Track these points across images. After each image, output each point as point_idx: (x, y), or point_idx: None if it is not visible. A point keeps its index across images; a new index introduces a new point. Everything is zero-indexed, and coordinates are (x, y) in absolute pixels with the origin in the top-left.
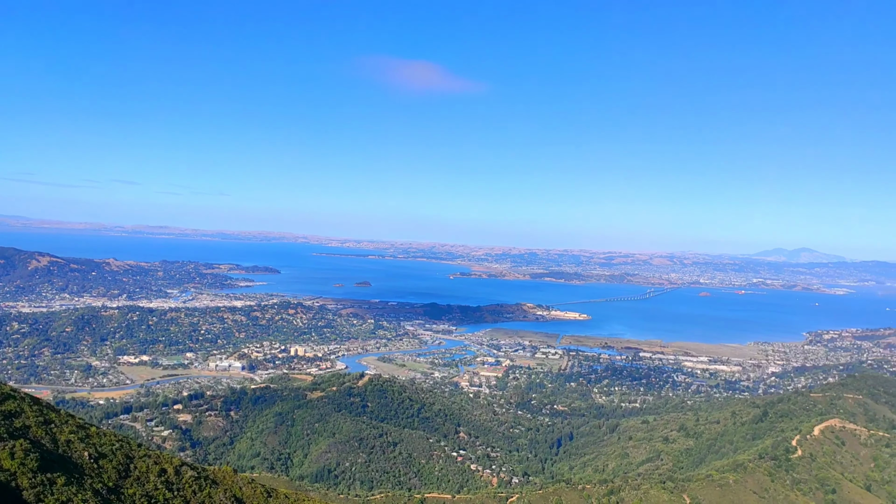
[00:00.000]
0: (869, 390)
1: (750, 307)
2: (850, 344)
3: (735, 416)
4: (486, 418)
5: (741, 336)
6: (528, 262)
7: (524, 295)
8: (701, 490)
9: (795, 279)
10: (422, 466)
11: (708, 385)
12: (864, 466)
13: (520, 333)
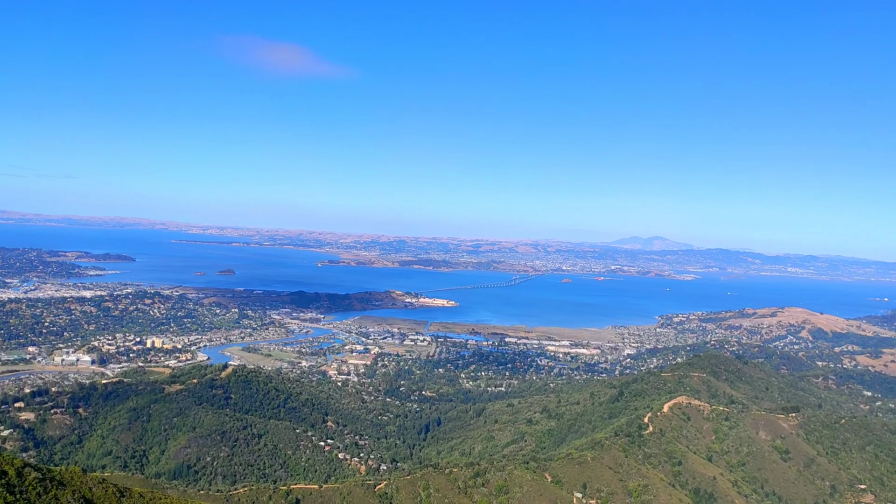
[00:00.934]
0: (711, 369)
1: (608, 293)
2: (697, 326)
3: (594, 397)
4: (355, 406)
5: (600, 320)
6: (397, 250)
7: (393, 282)
8: (561, 468)
9: (649, 266)
10: (288, 458)
11: (569, 368)
12: (706, 439)
13: (389, 321)
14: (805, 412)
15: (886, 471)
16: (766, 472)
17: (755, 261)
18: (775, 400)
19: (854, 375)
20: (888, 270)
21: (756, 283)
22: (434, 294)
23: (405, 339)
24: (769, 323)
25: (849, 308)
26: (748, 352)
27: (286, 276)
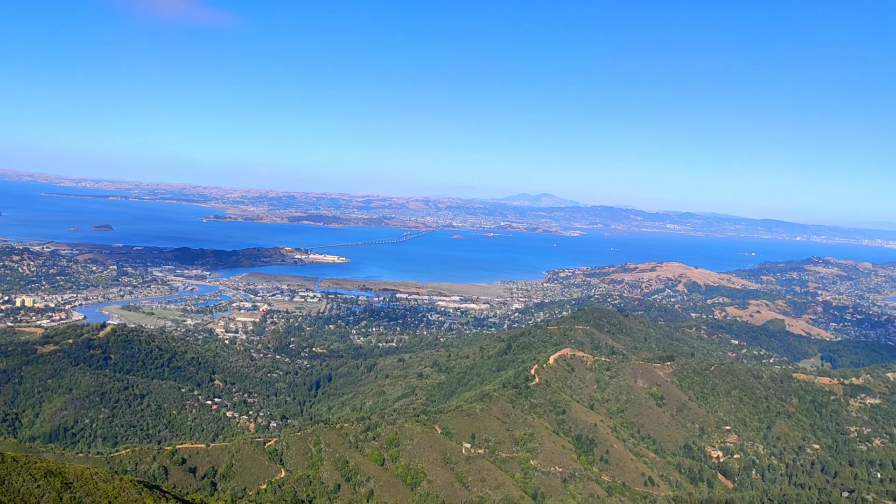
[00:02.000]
0: (595, 321)
1: (498, 249)
2: (582, 281)
3: (483, 351)
4: (243, 364)
5: (490, 276)
6: (286, 205)
7: (282, 238)
8: (451, 420)
9: (538, 222)
10: (173, 417)
11: (459, 322)
12: (589, 388)
13: (278, 277)
14: (679, 361)
15: (749, 413)
16: (643, 418)
17: (637, 218)
18: (653, 350)
19: (723, 325)
20: (756, 227)
21: (638, 239)
22: (325, 250)
23: (295, 295)
24: (649, 277)
25: (721, 262)
26: (629, 305)
27: (169, 231)
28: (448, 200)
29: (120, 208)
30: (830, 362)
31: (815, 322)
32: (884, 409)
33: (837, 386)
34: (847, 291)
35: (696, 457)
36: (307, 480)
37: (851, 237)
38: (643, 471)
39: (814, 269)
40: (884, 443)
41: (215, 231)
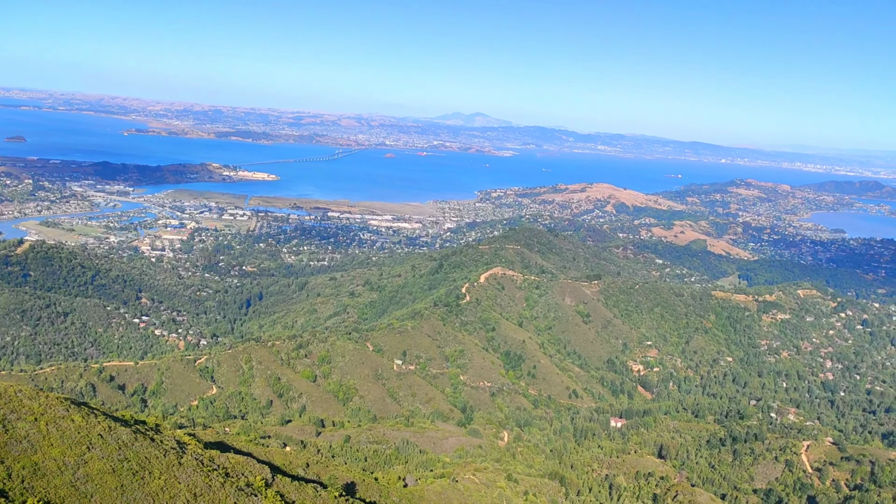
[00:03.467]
0: (525, 241)
1: (431, 168)
2: (513, 201)
3: (415, 269)
4: (171, 282)
5: (422, 195)
6: (212, 120)
7: (209, 154)
8: (383, 338)
9: (471, 142)
10: (99, 335)
11: (391, 242)
12: (518, 306)
13: (206, 195)
14: (606, 280)
15: (669, 329)
16: (570, 334)
17: (569, 139)
18: (581, 269)
19: (649, 245)
20: (684, 149)
21: (569, 161)
22: (254, 167)
23: (224, 213)
24: (579, 198)
25: (648, 184)
26: (559, 225)
27: (87, 144)
28: (381, 118)
29: (33, 119)
30: (747, 280)
31: (735, 242)
32: (792, 324)
33: (752, 303)
34: (766, 213)
35: (619, 371)
36: (239, 397)
37: (773, 160)
38: (568, 384)
39: (736, 190)
40: (790, 355)
41: (137, 145)
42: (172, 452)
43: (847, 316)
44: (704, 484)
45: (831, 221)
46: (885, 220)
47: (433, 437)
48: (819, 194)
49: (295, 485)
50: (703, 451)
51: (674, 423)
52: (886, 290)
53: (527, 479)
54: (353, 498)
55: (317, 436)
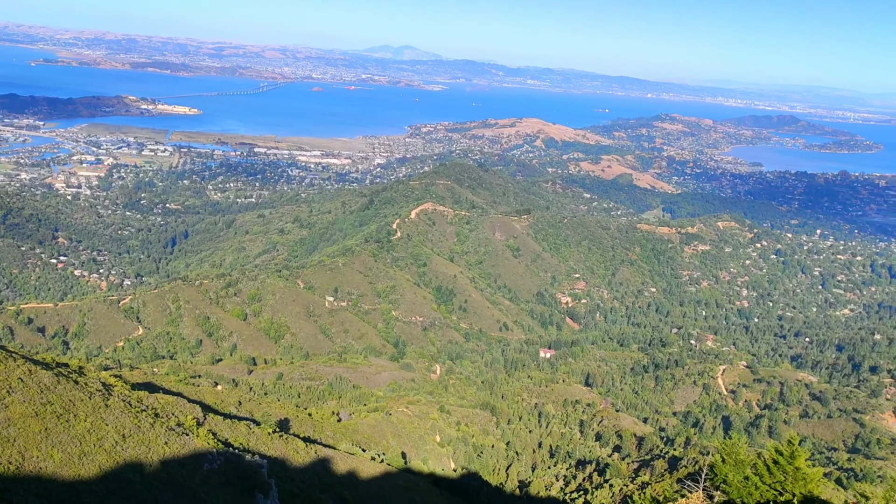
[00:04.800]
0: (456, 176)
1: (359, 102)
2: (444, 136)
3: (345, 206)
4: (90, 221)
5: (351, 130)
6: (126, 50)
7: (125, 86)
8: (314, 275)
9: (400, 75)
10: (14, 277)
11: (321, 178)
12: (449, 241)
13: (123, 129)
14: (535, 214)
15: (596, 261)
16: (500, 268)
17: (499, 73)
18: (511, 204)
19: (577, 180)
20: (611, 84)
21: (499, 95)
22: (174, 100)
23: (143, 148)
24: (508, 133)
25: (577, 118)
26: (489, 160)
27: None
28: (307, 50)
29: None
30: (670, 213)
31: (660, 176)
32: (712, 255)
33: (675, 235)
34: (689, 147)
35: (548, 303)
36: (167, 337)
37: (697, 95)
38: (499, 317)
39: (661, 125)
40: (710, 284)
41: (46, 76)
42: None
43: (762, 246)
44: (628, 409)
45: (750, 155)
46: (799, 153)
47: (366, 372)
48: (739, 129)
49: (228, 423)
50: (627, 379)
51: (600, 353)
52: (799, 220)
53: (459, 410)
54: (286, 434)
55: (249, 374)
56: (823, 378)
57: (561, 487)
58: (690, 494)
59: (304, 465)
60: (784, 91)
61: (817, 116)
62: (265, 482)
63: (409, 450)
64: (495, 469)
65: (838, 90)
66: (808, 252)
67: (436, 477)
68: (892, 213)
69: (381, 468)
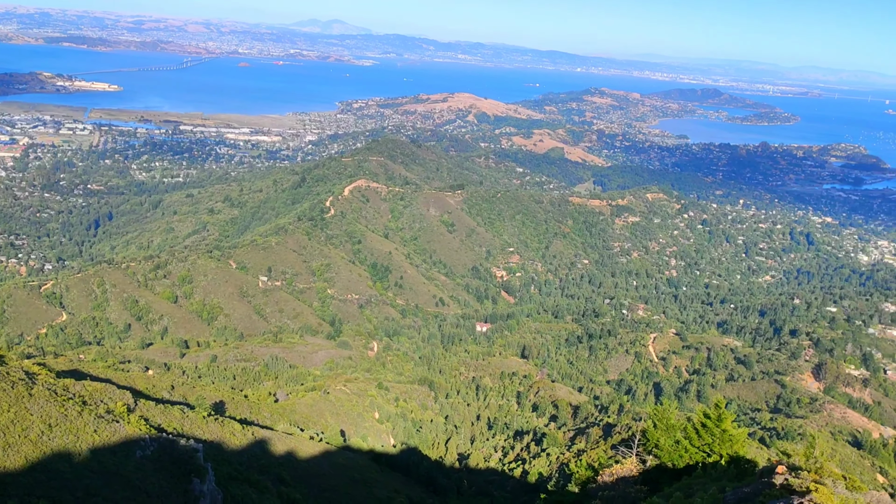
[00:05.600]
0: (389, 152)
1: (288, 78)
2: (375, 112)
3: (277, 184)
4: (6, 204)
5: (281, 107)
6: (39, 24)
7: (39, 62)
8: (246, 254)
9: (329, 50)
10: None
11: (251, 156)
12: (384, 218)
13: (38, 107)
14: (469, 189)
15: (530, 235)
16: (435, 244)
17: (430, 48)
18: (444, 179)
19: (510, 154)
20: (542, 58)
21: (430, 70)
22: (92, 77)
23: (61, 127)
24: (441, 108)
25: (508, 93)
26: (422, 136)
27: None
28: (231, 24)
29: None
30: (601, 186)
31: (591, 149)
32: (642, 226)
33: (606, 207)
34: (618, 120)
35: (483, 277)
36: (93, 322)
37: (624, 69)
38: (435, 293)
39: (591, 99)
40: (640, 255)
41: None
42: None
43: (689, 217)
44: (564, 379)
45: (676, 128)
46: (723, 125)
47: (303, 351)
48: (666, 102)
49: (160, 408)
50: (562, 349)
51: (535, 325)
52: (723, 191)
53: (397, 386)
54: (222, 417)
55: (181, 357)
56: (747, 342)
57: (499, 458)
58: (624, 460)
59: (241, 447)
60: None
61: (739, 89)
62: (201, 466)
63: (348, 427)
64: (434, 443)
65: (758, 63)
66: (731, 221)
67: (375, 453)
68: (808, 183)
69: (320, 447)
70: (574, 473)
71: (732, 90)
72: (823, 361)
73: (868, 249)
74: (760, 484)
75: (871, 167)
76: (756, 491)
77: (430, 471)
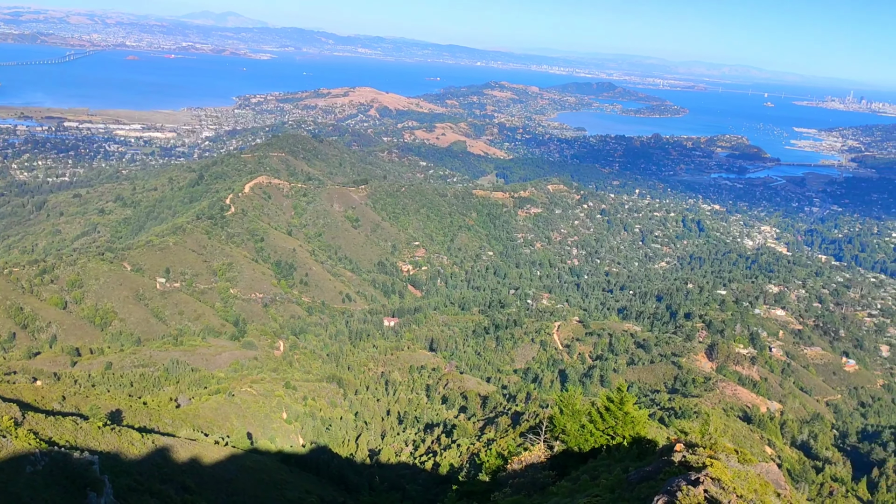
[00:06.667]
0: (290, 148)
1: (181, 72)
2: (275, 107)
3: (173, 182)
4: None
5: (174, 102)
6: None
7: None
8: (142, 256)
9: (224, 44)
10: None
11: (143, 153)
12: (287, 215)
13: None
14: (373, 184)
15: (435, 228)
16: (340, 240)
17: (329, 41)
18: (348, 174)
19: (413, 148)
20: (442, 52)
21: (330, 64)
22: None
23: None
24: (342, 102)
25: (410, 87)
26: (324, 131)
27: None
28: (118, 16)
29: None
30: (504, 178)
31: (492, 142)
32: (544, 217)
33: (509, 199)
34: (518, 113)
35: (389, 272)
36: None
37: (523, 63)
38: (341, 289)
39: (491, 93)
40: (543, 245)
41: None
42: None
43: (589, 207)
44: (472, 370)
45: (574, 120)
46: (618, 118)
47: (205, 353)
48: (563, 95)
49: (51, 420)
50: (470, 341)
51: (443, 318)
52: (620, 181)
53: (305, 385)
54: (119, 426)
55: (72, 366)
56: (646, 327)
57: (410, 452)
58: (533, 447)
59: (142, 456)
60: (601, 59)
61: (632, 83)
62: (97, 479)
63: (255, 430)
64: (345, 440)
65: (648, 58)
66: (628, 211)
67: (284, 454)
68: (698, 172)
69: (225, 451)
70: (484, 463)
71: (626, 84)
72: (715, 342)
73: (752, 234)
74: (661, 462)
75: (754, 157)
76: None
77: (341, 469)
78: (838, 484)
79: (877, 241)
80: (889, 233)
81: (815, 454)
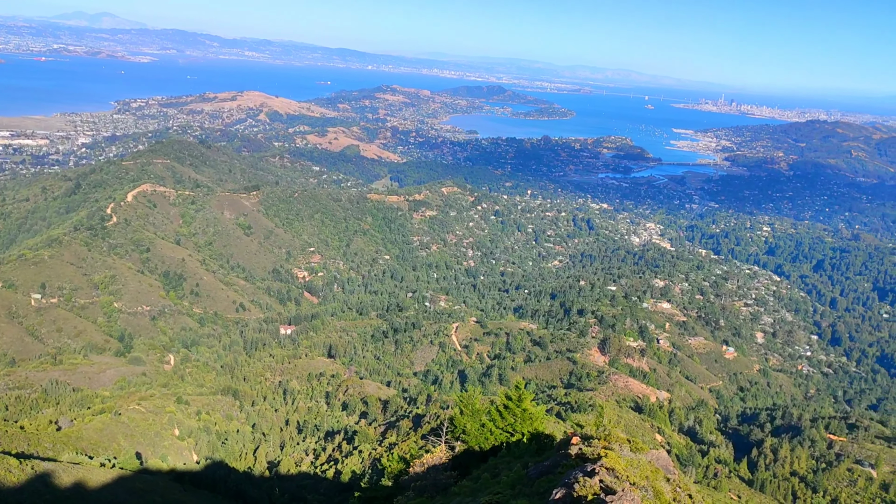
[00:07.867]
0: (175, 154)
1: (53, 75)
2: (158, 112)
3: (46, 192)
4: None
5: (46, 107)
6: None
7: None
8: (14, 271)
9: (100, 46)
10: None
11: (13, 161)
12: (174, 224)
13: None
14: (265, 190)
15: (330, 234)
16: (232, 248)
17: (213, 44)
18: (238, 181)
19: (305, 153)
20: (332, 56)
21: (216, 67)
22: None
23: None
24: (230, 107)
25: (300, 91)
26: (211, 136)
27: None
28: None
29: None
30: (398, 182)
31: (386, 146)
32: (439, 219)
33: (404, 202)
34: (411, 117)
35: (284, 279)
36: None
37: (414, 66)
38: (234, 298)
39: (383, 96)
40: (439, 248)
41: None
42: None
43: (483, 208)
44: (372, 375)
45: (466, 123)
46: (508, 120)
47: (88, 372)
48: (455, 99)
49: None
50: (368, 346)
51: (340, 323)
52: (512, 182)
53: (198, 399)
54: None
55: None
56: (542, 325)
57: (311, 461)
58: (434, 448)
59: (20, 483)
60: (490, 63)
61: (521, 87)
62: None
63: (145, 449)
64: (242, 454)
65: (535, 62)
66: (521, 211)
67: (177, 473)
68: (586, 173)
69: (113, 473)
70: (386, 468)
71: (515, 87)
72: (607, 336)
73: (639, 231)
74: (559, 456)
75: (637, 157)
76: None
77: (239, 483)
78: (722, 465)
79: (750, 235)
80: (760, 227)
81: (701, 438)
